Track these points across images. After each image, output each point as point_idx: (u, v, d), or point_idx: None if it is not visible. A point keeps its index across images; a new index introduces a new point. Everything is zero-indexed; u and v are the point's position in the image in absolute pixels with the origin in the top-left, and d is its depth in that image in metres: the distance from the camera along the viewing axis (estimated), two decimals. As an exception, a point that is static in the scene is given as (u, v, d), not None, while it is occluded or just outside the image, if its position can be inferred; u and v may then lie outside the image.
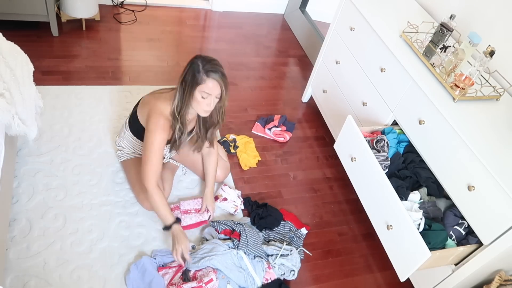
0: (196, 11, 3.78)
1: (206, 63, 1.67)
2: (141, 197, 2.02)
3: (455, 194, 1.70)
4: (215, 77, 1.67)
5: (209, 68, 1.66)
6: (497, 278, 1.65)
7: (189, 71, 1.69)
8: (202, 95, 1.70)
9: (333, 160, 2.66)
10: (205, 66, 1.66)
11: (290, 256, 1.97)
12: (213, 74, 1.67)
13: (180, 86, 1.73)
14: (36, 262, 1.76)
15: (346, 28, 2.42)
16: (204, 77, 1.66)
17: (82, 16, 3.04)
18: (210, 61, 1.69)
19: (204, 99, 1.71)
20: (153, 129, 1.76)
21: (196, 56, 1.72)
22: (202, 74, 1.66)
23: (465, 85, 1.77)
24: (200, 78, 1.66)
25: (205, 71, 1.66)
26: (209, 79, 1.67)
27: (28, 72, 1.98)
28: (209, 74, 1.66)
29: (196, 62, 1.68)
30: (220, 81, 1.69)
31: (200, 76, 1.66)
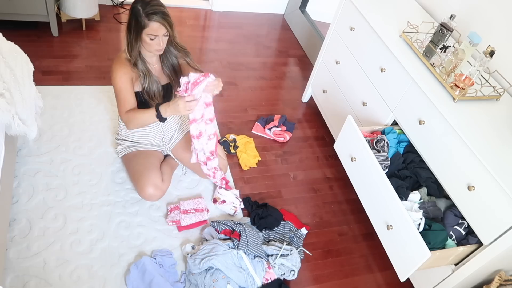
0: (196, 11, 3.78)
1: (145, 6, 1.70)
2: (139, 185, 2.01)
3: (455, 194, 1.70)
4: (157, 19, 1.71)
5: (150, 10, 1.69)
6: (497, 278, 1.65)
7: (132, 17, 1.73)
8: (150, 37, 1.75)
9: (333, 160, 2.66)
10: (145, 9, 1.69)
11: (290, 256, 1.97)
12: (154, 16, 1.70)
13: (127, 33, 1.79)
14: (36, 262, 1.76)
15: (346, 28, 2.42)
16: (146, 20, 1.70)
17: (82, 16, 3.04)
18: (149, 2, 1.71)
19: (153, 40, 1.76)
20: (115, 69, 1.85)
21: (135, 1, 1.74)
22: (144, 18, 1.70)
23: (465, 85, 1.77)
24: (143, 23, 1.71)
25: (146, 15, 1.69)
26: (152, 22, 1.71)
27: (28, 72, 1.98)
28: (150, 17, 1.70)
29: (136, 7, 1.71)
30: (163, 21, 1.73)
31: (142, 21, 1.70)
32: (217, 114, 2.73)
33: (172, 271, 1.84)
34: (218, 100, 2.88)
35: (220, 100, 2.88)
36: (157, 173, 2.02)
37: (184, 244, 1.96)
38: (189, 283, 1.82)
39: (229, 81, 3.08)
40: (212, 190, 2.26)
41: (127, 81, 1.87)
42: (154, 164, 2.06)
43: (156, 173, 2.02)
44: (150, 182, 1.99)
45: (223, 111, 2.80)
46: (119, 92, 1.88)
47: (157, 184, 2.01)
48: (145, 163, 2.04)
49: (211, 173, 2.11)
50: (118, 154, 2.18)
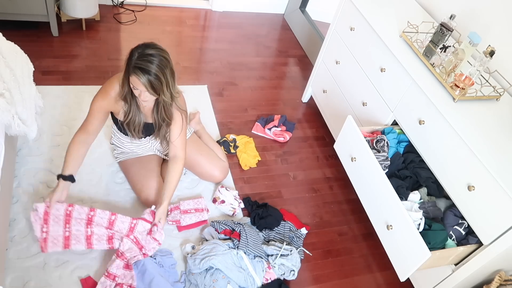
0: (196, 11, 3.78)
1: (139, 57, 1.59)
2: (142, 196, 2.02)
3: (455, 194, 1.70)
4: (139, 76, 1.59)
5: (139, 64, 1.58)
6: (497, 278, 1.65)
7: (128, 58, 1.64)
8: (132, 86, 1.66)
9: (333, 160, 2.66)
10: (137, 60, 1.59)
11: (290, 256, 1.97)
12: (139, 72, 1.59)
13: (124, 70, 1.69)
14: (36, 262, 1.76)
15: (346, 28, 2.42)
16: (131, 70, 1.61)
17: (82, 16, 3.04)
18: (145, 56, 1.59)
19: (136, 90, 1.67)
20: (98, 95, 1.81)
21: (140, 45, 1.64)
22: (131, 67, 1.60)
23: (465, 85, 1.77)
24: (129, 70, 1.62)
25: (133, 66, 1.59)
26: (133, 75, 1.61)
27: (28, 72, 1.98)
28: (135, 71, 1.59)
29: (134, 52, 1.62)
30: (145, 81, 1.60)
31: (130, 68, 1.61)
32: (217, 114, 2.75)
33: (172, 271, 1.84)
34: (218, 100, 2.88)
35: (220, 100, 2.88)
36: (158, 180, 2.03)
37: (184, 244, 1.96)
38: (189, 283, 1.82)
39: (229, 81, 3.08)
40: (212, 190, 2.26)
41: (103, 110, 1.83)
42: (153, 171, 2.06)
43: (157, 180, 2.03)
44: (152, 191, 2.00)
45: (223, 111, 2.80)
46: (90, 114, 1.83)
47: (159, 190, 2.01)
48: (145, 172, 2.03)
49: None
50: (115, 159, 2.18)
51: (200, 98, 2.83)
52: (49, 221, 1.76)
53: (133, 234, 1.83)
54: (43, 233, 1.75)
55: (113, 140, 2.13)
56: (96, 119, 1.85)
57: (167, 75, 1.65)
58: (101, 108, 1.83)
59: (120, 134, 2.04)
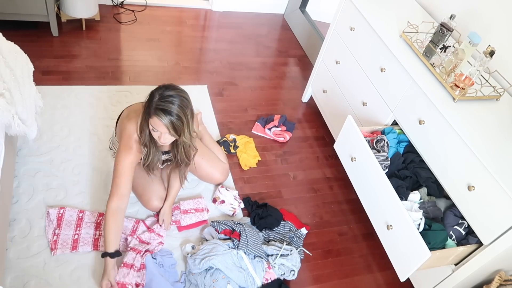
0: (196, 11, 3.78)
1: (161, 98, 1.58)
2: (143, 199, 2.02)
3: (455, 194, 1.70)
4: (161, 118, 1.58)
5: (160, 105, 1.57)
6: (497, 278, 1.65)
7: (148, 100, 1.63)
8: (152, 128, 1.65)
9: (333, 160, 2.66)
10: (158, 101, 1.58)
11: (290, 256, 1.97)
12: (160, 113, 1.58)
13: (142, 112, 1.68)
14: (36, 262, 1.76)
15: (346, 28, 2.42)
16: (152, 112, 1.59)
17: (82, 16, 3.04)
18: (166, 97, 1.59)
19: (155, 132, 1.66)
20: (121, 152, 1.75)
21: (160, 86, 1.64)
22: (152, 109, 1.59)
23: (465, 85, 1.77)
24: (150, 112, 1.60)
25: (154, 107, 1.58)
26: (155, 117, 1.59)
27: (28, 72, 1.98)
28: (156, 112, 1.58)
29: (155, 94, 1.61)
30: (167, 123, 1.59)
31: (150, 110, 1.60)
32: (217, 114, 2.75)
33: (172, 271, 1.84)
34: (218, 100, 2.88)
35: (220, 100, 2.88)
36: (159, 183, 2.03)
37: (184, 244, 1.96)
38: (189, 283, 1.82)
39: (229, 81, 3.08)
40: (212, 190, 2.26)
41: (133, 162, 1.77)
42: (154, 174, 2.04)
43: (159, 184, 2.02)
44: (154, 195, 1.99)
45: (223, 111, 2.80)
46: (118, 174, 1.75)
47: (161, 195, 2.01)
48: (145, 174, 2.01)
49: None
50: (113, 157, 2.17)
51: (200, 98, 2.83)
52: (62, 225, 1.86)
53: (136, 235, 1.89)
54: (54, 236, 1.83)
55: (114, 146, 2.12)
56: (127, 178, 1.76)
57: (188, 116, 1.64)
58: (131, 165, 1.76)
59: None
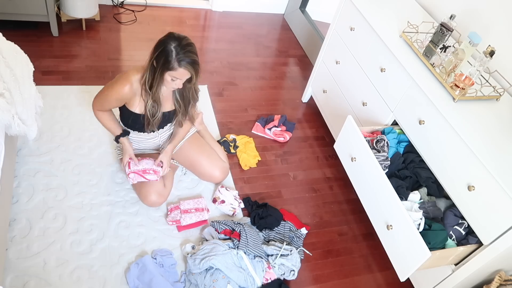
0: (196, 11, 3.78)
1: (180, 50, 1.64)
2: (142, 194, 2.02)
3: (455, 194, 1.70)
4: (187, 67, 1.67)
5: (183, 57, 1.65)
6: (497, 278, 1.65)
7: (161, 54, 1.66)
8: (172, 78, 1.71)
9: (333, 160, 2.66)
10: (179, 53, 1.64)
11: (290, 256, 1.96)
12: (185, 63, 1.66)
13: (151, 66, 1.73)
14: (36, 262, 1.76)
15: (346, 28, 2.42)
16: (175, 65, 1.66)
17: (82, 16, 3.04)
18: (184, 47, 1.66)
19: (173, 81, 1.73)
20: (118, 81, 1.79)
21: (169, 37, 1.68)
22: (175, 61, 1.65)
23: (465, 85, 1.77)
24: (172, 65, 1.66)
25: (178, 60, 1.65)
26: (181, 68, 1.67)
27: (28, 72, 1.98)
28: (181, 64, 1.66)
29: (169, 47, 1.65)
30: (191, 70, 1.70)
31: (172, 63, 1.65)
32: (217, 114, 2.75)
33: (172, 271, 1.85)
34: (218, 100, 2.88)
35: (220, 100, 2.88)
36: (159, 181, 2.02)
37: (184, 244, 1.96)
38: (189, 283, 1.82)
39: (229, 81, 3.08)
40: (212, 190, 2.26)
41: (121, 98, 1.84)
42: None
43: (159, 180, 2.02)
44: (153, 189, 2.00)
45: (223, 111, 2.80)
46: (107, 96, 1.84)
47: (160, 191, 2.01)
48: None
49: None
50: (117, 156, 2.17)
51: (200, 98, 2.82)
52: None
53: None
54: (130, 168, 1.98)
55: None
56: (113, 103, 1.87)
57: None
58: (120, 95, 1.81)
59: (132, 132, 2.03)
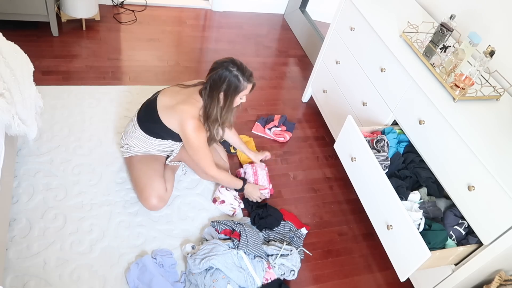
0: (196, 11, 3.78)
1: (243, 71, 1.82)
2: (142, 196, 2.02)
3: (455, 194, 1.70)
4: (253, 80, 1.87)
5: (248, 74, 1.84)
6: (497, 278, 1.65)
7: (229, 83, 1.81)
8: (241, 97, 1.89)
9: (333, 160, 2.66)
10: (244, 74, 1.82)
11: (290, 256, 1.96)
12: (252, 78, 1.86)
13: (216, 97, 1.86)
14: (36, 262, 1.76)
15: (346, 28, 2.42)
16: (246, 84, 1.84)
17: (82, 16, 3.04)
18: (242, 66, 1.84)
19: (241, 99, 1.91)
20: (193, 133, 1.90)
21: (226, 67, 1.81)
22: (244, 82, 1.83)
23: (465, 85, 1.77)
24: (243, 86, 1.84)
25: (246, 79, 1.83)
26: (250, 84, 1.87)
27: (28, 72, 1.98)
28: (250, 80, 1.85)
29: (233, 74, 1.81)
30: (253, 80, 1.89)
31: (243, 85, 1.83)
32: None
33: (172, 271, 1.85)
34: (218, 100, 2.88)
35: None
36: (161, 183, 2.02)
37: (184, 244, 1.96)
38: (189, 283, 1.82)
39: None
40: (212, 190, 2.26)
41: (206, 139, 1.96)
42: (158, 171, 2.05)
43: (160, 183, 2.02)
44: (154, 193, 1.99)
45: (223, 111, 2.79)
46: (202, 149, 1.95)
47: (161, 194, 2.01)
48: (149, 171, 2.02)
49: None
50: (124, 154, 2.15)
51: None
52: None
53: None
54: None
55: (131, 141, 2.07)
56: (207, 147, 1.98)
57: None
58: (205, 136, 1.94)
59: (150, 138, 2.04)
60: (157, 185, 2.01)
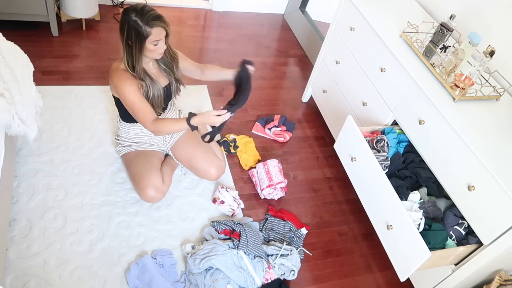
0: (196, 11, 3.78)
1: (143, 15, 1.67)
2: (139, 187, 2.00)
3: (455, 194, 1.70)
4: (159, 24, 1.70)
5: (149, 18, 1.68)
6: (497, 278, 1.65)
7: (130, 29, 1.69)
8: (153, 43, 1.73)
9: (333, 160, 2.66)
10: (143, 18, 1.67)
11: (290, 256, 1.96)
12: (156, 22, 1.69)
13: (126, 47, 1.76)
14: (36, 262, 1.76)
15: (346, 28, 2.42)
16: (148, 29, 1.68)
17: (82, 16, 3.04)
18: (142, 9, 1.69)
19: (156, 45, 1.75)
20: (121, 83, 1.80)
21: (125, 13, 1.70)
22: (145, 27, 1.67)
23: (465, 85, 1.77)
24: (145, 32, 1.68)
25: (147, 23, 1.67)
26: (154, 28, 1.69)
27: (28, 72, 1.98)
28: (152, 24, 1.68)
29: (131, 19, 1.67)
30: (162, 23, 1.72)
31: (144, 28, 1.68)
32: (217, 114, 2.75)
33: (172, 271, 1.85)
34: (218, 100, 2.88)
35: (220, 100, 2.88)
36: (157, 175, 2.02)
37: (184, 244, 1.96)
38: (189, 283, 1.82)
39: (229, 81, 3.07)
40: (212, 190, 2.26)
41: (136, 90, 1.83)
42: (154, 164, 2.06)
43: (157, 175, 2.02)
44: (151, 184, 1.99)
45: (223, 111, 2.80)
46: (134, 104, 1.84)
47: (158, 186, 2.00)
48: (146, 164, 2.03)
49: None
50: (118, 153, 2.17)
51: (200, 98, 2.83)
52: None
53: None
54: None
55: (122, 135, 2.11)
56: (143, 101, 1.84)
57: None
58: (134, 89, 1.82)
59: (129, 125, 2.05)
60: (154, 176, 2.00)
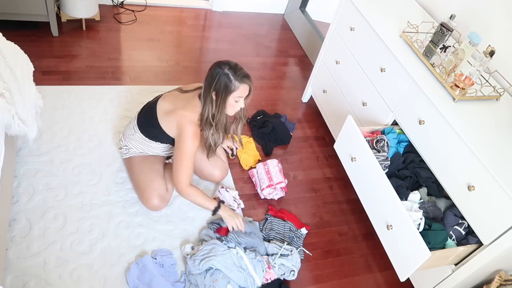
0: (196, 11, 3.78)
1: (235, 71, 1.76)
2: (144, 197, 2.01)
3: (455, 194, 1.70)
4: (246, 81, 1.79)
5: (241, 75, 1.77)
6: (497, 278, 1.65)
7: (219, 81, 1.76)
8: (235, 99, 1.81)
9: (333, 160, 2.66)
10: (236, 73, 1.76)
11: (290, 256, 1.97)
12: (245, 79, 1.78)
13: (209, 99, 1.81)
14: (36, 262, 1.76)
15: (346, 28, 2.42)
16: (237, 84, 1.76)
17: (82, 16, 3.04)
18: (236, 65, 1.79)
19: (237, 102, 1.83)
20: (188, 139, 1.85)
21: (219, 65, 1.78)
22: (235, 82, 1.76)
23: (465, 85, 1.77)
24: (233, 86, 1.76)
25: (238, 79, 1.76)
26: (243, 85, 1.78)
27: (28, 72, 1.98)
28: (242, 81, 1.77)
29: (223, 71, 1.76)
30: (249, 82, 1.81)
31: (233, 84, 1.76)
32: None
33: (172, 271, 1.85)
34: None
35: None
36: (161, 183, 2.03)
37: (184, 244, 1.96)
38: (189, 283, 1.82)
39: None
40: (212, 190, 2.26)
41: (197, 148, 1.89)
42: (158, 171, 2.05)
43: (161, 183, 2.02)
44: (155, 193, 1.99)
45: (223, 111, 2.79)
46: (187, 159, 1.87)
47: (162, 195, 2.01)
48: (149, 172, 2.03)
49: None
50: (122, 155, 2.15)
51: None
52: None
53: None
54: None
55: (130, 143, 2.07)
56: (193, 161, 1.90)
57: None
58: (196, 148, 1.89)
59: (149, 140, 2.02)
60: (158, 185, 2.01)
